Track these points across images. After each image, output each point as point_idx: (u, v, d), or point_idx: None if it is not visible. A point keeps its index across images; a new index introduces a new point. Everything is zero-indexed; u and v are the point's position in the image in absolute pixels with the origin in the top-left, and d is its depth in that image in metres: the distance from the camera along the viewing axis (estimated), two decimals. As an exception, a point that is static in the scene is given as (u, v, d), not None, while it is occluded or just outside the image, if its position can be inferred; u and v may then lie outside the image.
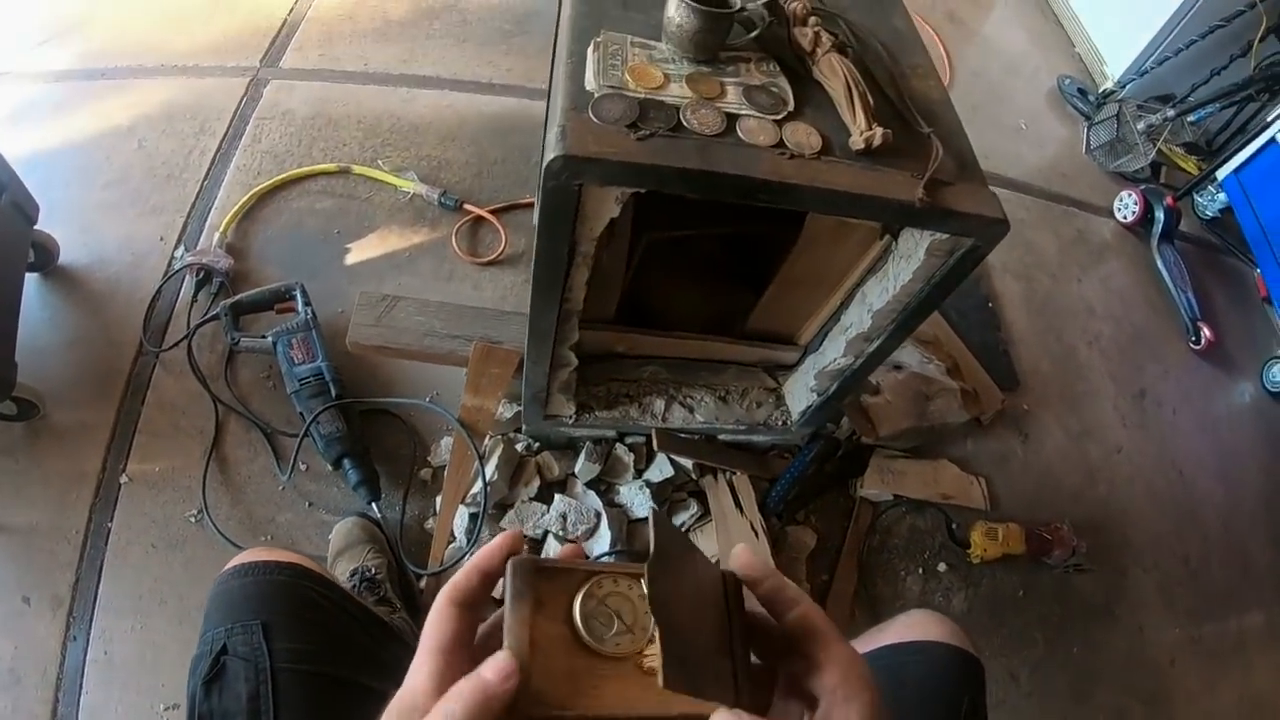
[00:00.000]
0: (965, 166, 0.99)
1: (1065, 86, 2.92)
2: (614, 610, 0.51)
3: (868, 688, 0.50)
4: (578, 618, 0.50)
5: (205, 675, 0.79)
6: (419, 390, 1.67)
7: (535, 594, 0.50)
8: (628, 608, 0.52)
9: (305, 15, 2.43)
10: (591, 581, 0.52)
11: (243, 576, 0.86)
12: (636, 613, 0.52)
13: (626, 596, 0.52)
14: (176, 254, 1.81)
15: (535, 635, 0.49)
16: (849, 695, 0.49)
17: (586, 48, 0.95)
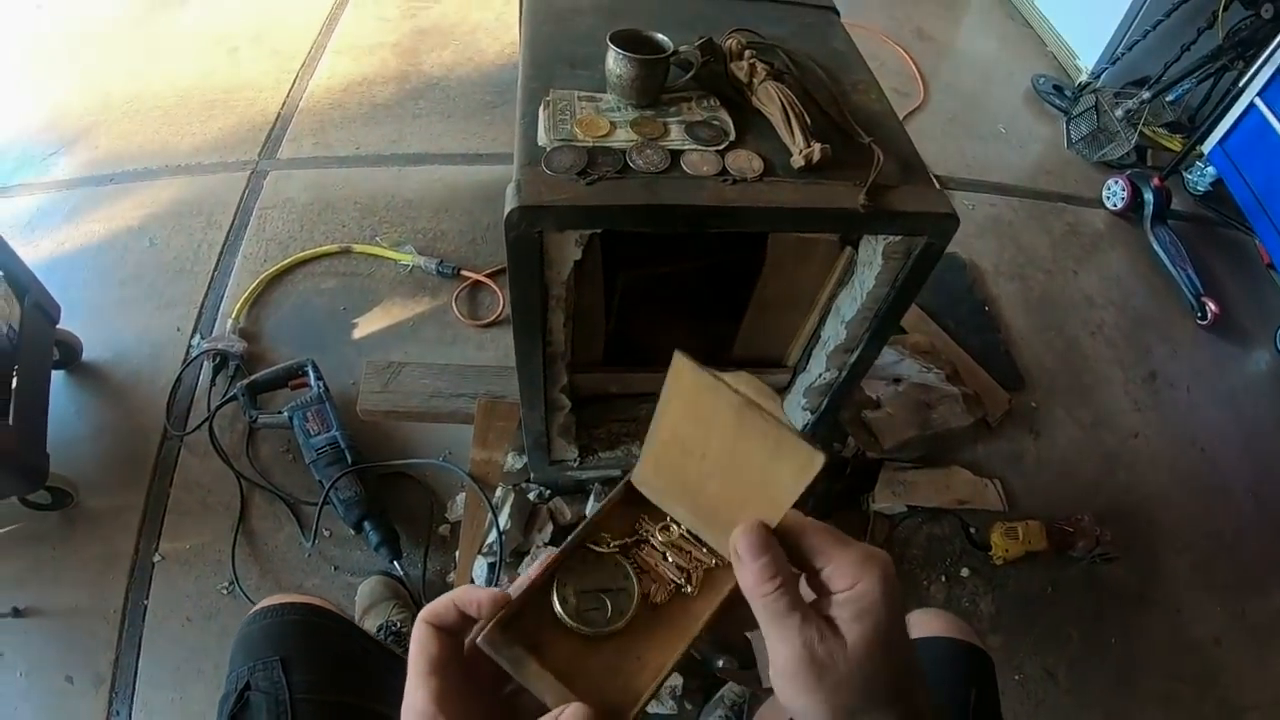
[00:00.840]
0: (910, 169, 1.03)
1: (1040, 85, 2.96)
2: (594, 591, 0.53)
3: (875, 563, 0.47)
4: (572, 625, 0.52)
5: (231, 711, 0.85)
6: (431, 450, 1.72)
7: (525, 645, 0.50)
8: (603, 577, 0.54)
9: (298, 107, 2.55)
10: (555, 589, 0.53)
11: (262, 619, 0.92)
12: (614, 575, 0.54)
13: (589, 572, 0.54)
14: (193, 342, 1.89)
15: (558, 670, 0.49)
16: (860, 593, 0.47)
17: (538, 107, 1.01)
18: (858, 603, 0.46)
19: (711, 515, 0.53)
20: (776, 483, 0.47)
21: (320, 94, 2.62)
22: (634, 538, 0.57)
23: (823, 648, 0.45)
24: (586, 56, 1.09)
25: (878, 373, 1.82)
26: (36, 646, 1.49)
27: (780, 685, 0.47)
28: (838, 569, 0.47)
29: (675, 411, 0.50)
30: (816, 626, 0.46)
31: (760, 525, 0.48)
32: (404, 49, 2.85)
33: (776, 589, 0.46)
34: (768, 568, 0.47)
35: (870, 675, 0.46)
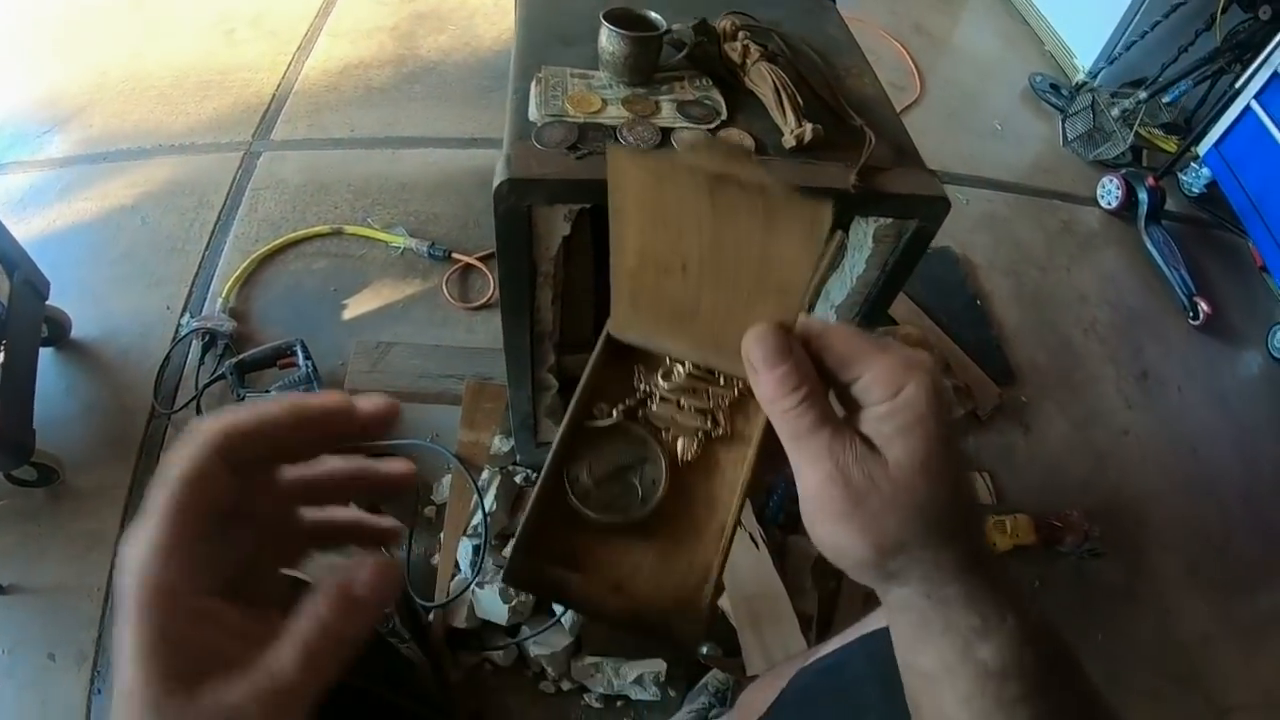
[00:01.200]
0: (902, 153, 1.03)
1: (1037, 84, 2.96)
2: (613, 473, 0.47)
3: (918, 368, 0.41)
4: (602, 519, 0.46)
5: None
6: (419, 431, 1.71)
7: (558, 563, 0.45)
8: (617, 453, 0.48)
9: (293, 89, 2.54)
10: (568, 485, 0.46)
11: None
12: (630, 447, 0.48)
13: (600, 454, 0.47)
14: (183, 321, 1.88)
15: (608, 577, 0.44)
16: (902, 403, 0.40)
17: (530, 83, 1.01)
18: (902, 414, 0.39)
19: (717, 336, 0.45)
20: (783, 263, 0.40)
21: (316, 76, 2.61)
22: (635, 398, 0.50)
23: (859, 468, 0.39)
24: (580, 34, 1.09)
25: (869, 363, 1.82)
26: (19, 624, 1.48)
27: (810, 517, 0.41)
28: (875, 376, 0.40)
29: (633, 223, 0.42)
30: (851, 443, 0.39)
31: (775, 326, 0.42)
32: (401, 32, 2.84)
33: (801, 401, 0.40)
34: (788, 376, 0.40)
35: (919, 503, 0.39)
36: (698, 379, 0.48)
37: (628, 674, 1.37)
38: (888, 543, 0.39)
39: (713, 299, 0.43)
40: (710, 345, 0.46)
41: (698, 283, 0.43)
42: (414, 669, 1.26)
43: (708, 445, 0.48)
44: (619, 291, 0.46)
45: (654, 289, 0.44)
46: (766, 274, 0.41)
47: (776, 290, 0.41)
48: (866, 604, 1.61)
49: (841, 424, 0.40)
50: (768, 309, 0.42)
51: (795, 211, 0.38)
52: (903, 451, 0.39)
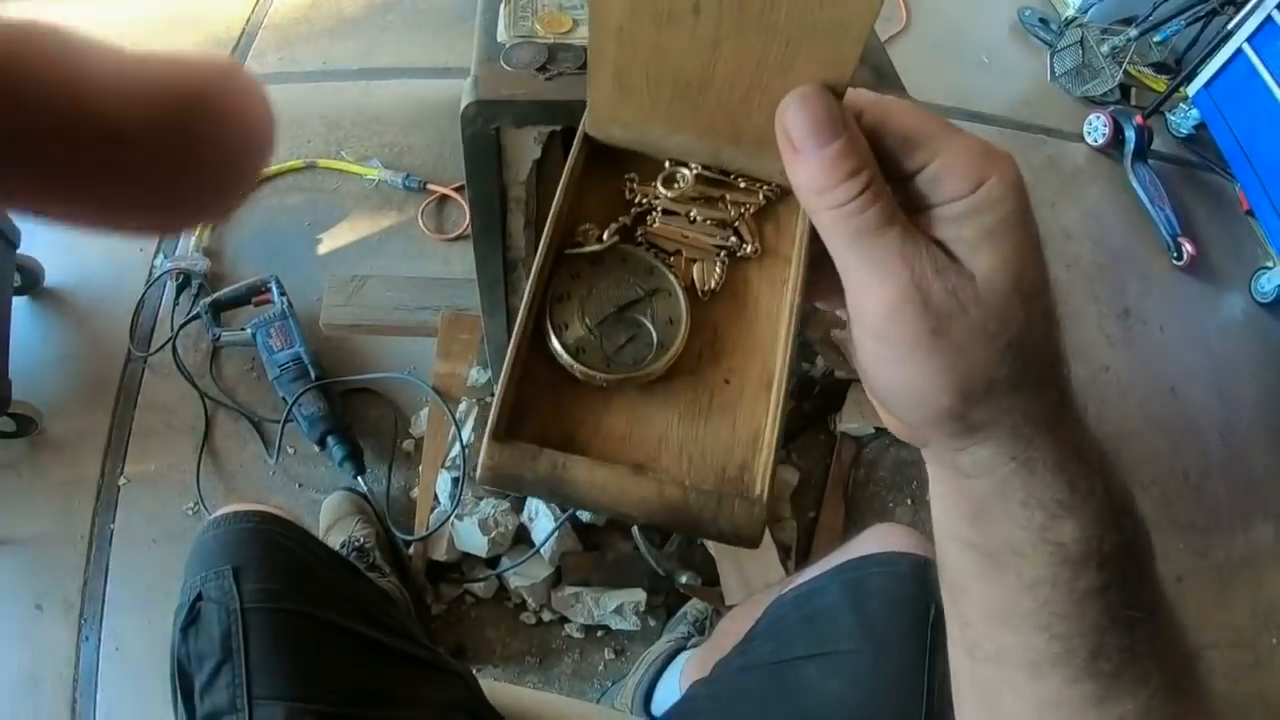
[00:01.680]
0: (881, 76, 1.01)
1: (1026, 17, 2.91)
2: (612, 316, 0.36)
3: (1002, 157, 0.33)
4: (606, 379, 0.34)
5: (183, 623, 0.83)
6: (396, 365, 1.70)
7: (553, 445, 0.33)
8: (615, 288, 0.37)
9: (262, 22, 2.47)
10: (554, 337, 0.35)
11: (215, 528, 0.91)
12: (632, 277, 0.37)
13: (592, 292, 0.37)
14: (156, 262, 1.86)
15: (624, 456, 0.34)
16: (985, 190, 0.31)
17: (499, 3, 0.98)
18: (987, 214, 0.31)
19: (737, 115, 0.33)
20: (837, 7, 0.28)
21: (286, 8, 2.53)
22: (631, 214, 0.39)
23: (941, 282, 0.30)
24: (551, -48, 1.06)
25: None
26: (5, 575, 1.49)
27: (872, 350, 0.33)
28: (949, 163, 0.31)
29: None
30: (928, 249, 0.31)
31: (820, 88, 0.31)
32: (375, -40, 2.76)
33: (862, 190, 0.30)
34: (844, 154, 0.30)
35: (1014, 329, 0.31)
36: (710, 183, 0.37)
37: (608, 604, 1.38)
38: (975, 383, 0.31)
39: (735, 54, 0.31)
40: (726, 131, 0.35)
41: (714, 30, 0.30)
42: (394, 603, 1.27)
43: (733, 268, 0.37)
44: (599, 64, 0.34)
45: (650, 50, 0.32)
46: (814, 4, 0.29)
47: (827, 30, 0.29)
48: (844, 534, 1.63)
49: (911, 224, 0.31)
50: (811, 64, 0.30)
51: None
52: (992, 263, 0.31)
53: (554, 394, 0.35)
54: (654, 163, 0.39)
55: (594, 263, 0.37)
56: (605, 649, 1.46)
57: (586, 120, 0.37)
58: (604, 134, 0.37)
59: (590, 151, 0.38)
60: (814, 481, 1.69)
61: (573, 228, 0.38)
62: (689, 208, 0.37)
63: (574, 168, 0.38)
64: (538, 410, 0.34)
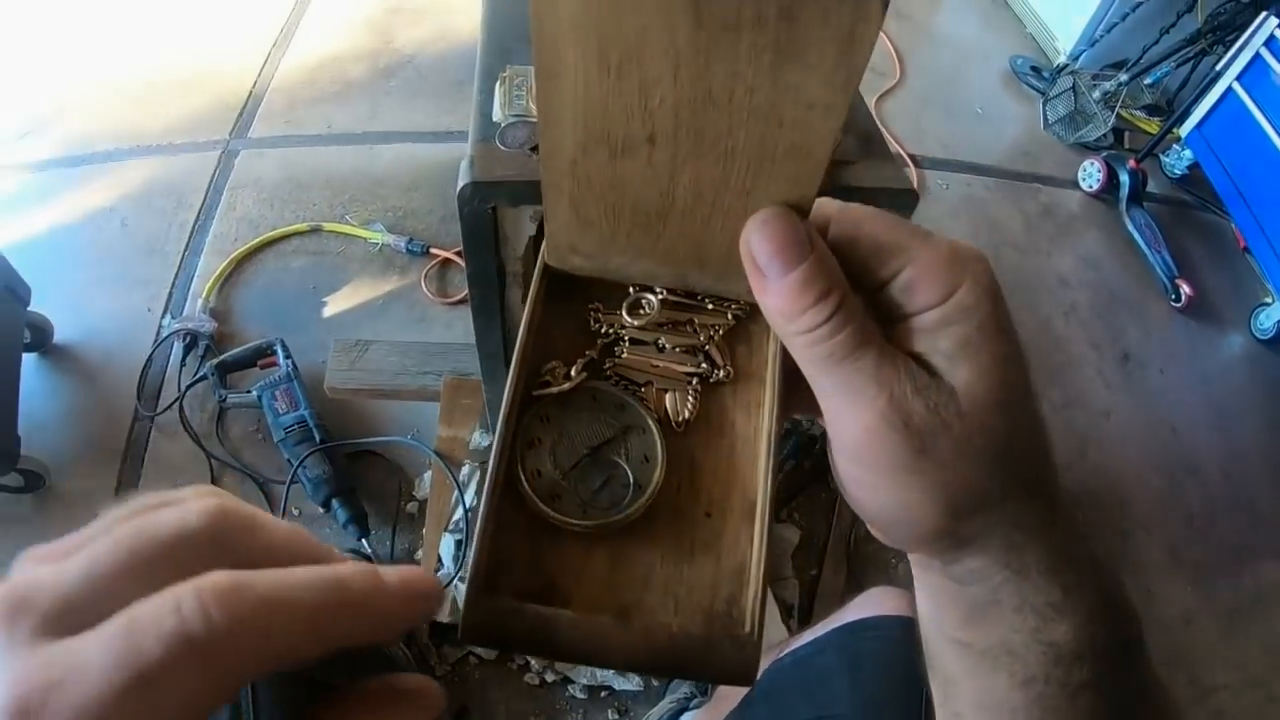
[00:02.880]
0: (870, 143, 1.03)
1: (1018, 66, 2.96)
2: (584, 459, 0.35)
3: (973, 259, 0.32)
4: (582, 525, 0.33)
5: None
6: (399, 429, 1.72)
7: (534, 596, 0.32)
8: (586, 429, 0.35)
9: (269, 86, 2.53)
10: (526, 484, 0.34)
11: None
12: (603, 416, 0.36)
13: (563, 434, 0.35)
14: (164, 322, 1.89)
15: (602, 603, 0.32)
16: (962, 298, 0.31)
17: (494, 83, 1.01)
18: (962, 323, 0.30)
19: (700, 239, 0.33)
20: (800, 105, 0.27)
21: (292, 72, 2.60)
22: (598, 346, 0.38)
23: (922, 400, 0.29)
24: (545, 32, 1.09)
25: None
26: (9, 631, 1.49)
27: (854, 475, 0.32)
28: (920, 272, 0.30)
29: (573, 76, 0.28)
30: (905, 368, 0.30)
31: (782, 210, 0.30)
32: (377, 26, 2.82)
33: (831, 314, 0.29)
34: (810, 278, 0.29)
35: (1000, 441, 0.30)
36: (677, 307, 0.37)
37: (611, 665, 1.37)
38: (965, 500, 0.30)
39: (693, 181, 0.31)
40: (690, 256, 0.34)
41: (671, 159, 0.30)
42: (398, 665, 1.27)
43: (707, 394, 0.37)
44: (555, 198, 0.33)
45: (606, 181, 0.31)
46: (775, 128, 0.28)
47: (788, 154, 0.29)
48: (846, 592, 1.62)
49: (887, 343, 0.30)
50: (774, 186, 0.30)
51: (825, 16, 0.25)
52: (972, 375, 0.30)
53: (532, 543, 0.34)
54: (619, 288, 0.38)
55: (563, 403, 0.36)
56: (609, 710, 1.45)
57: (545, 251, 0.37)
58: (565, 264, 0.37)
59: (551, 282, 0.37)
60: (816, 539, 1.69)
61: (538, 367, 0.37)
62: (657, 335, 0.37)
63: (535, 302, 0.37)
64: (517, 561, 0.33)
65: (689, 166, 0.30)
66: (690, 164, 0.30)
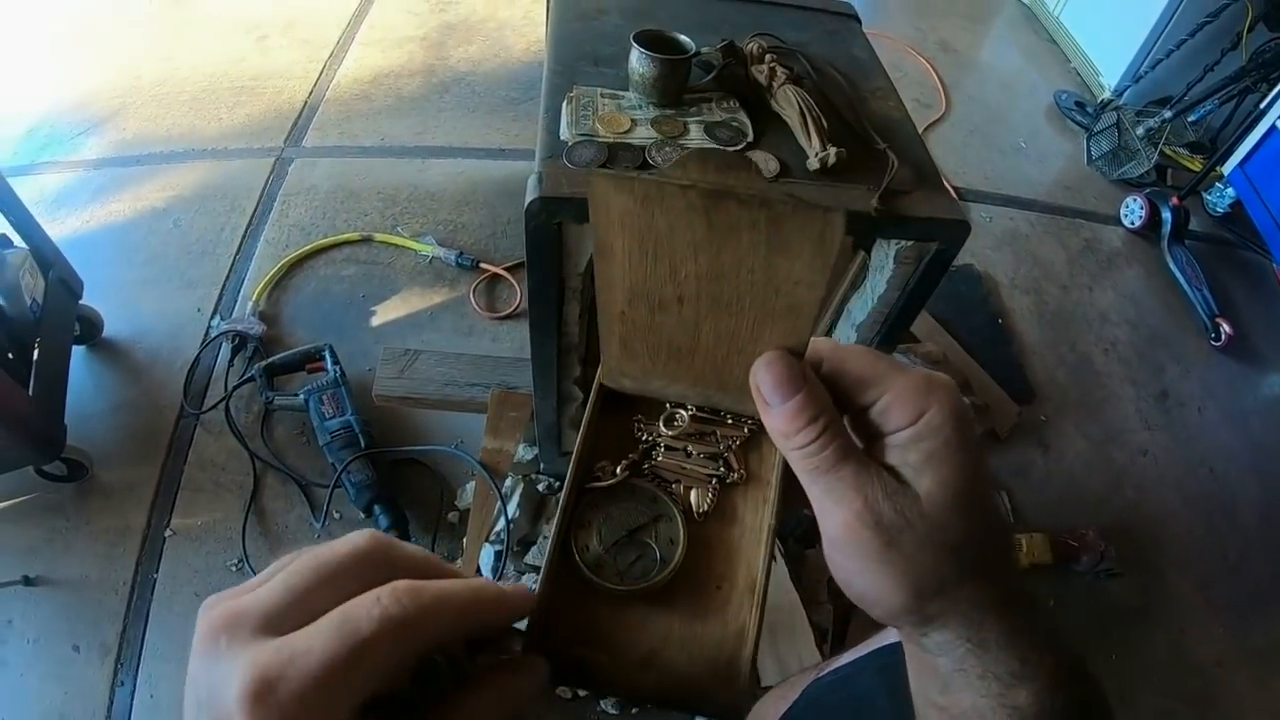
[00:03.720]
0: (924, 176, 1.04)
1: (1063, 101, 2.96)
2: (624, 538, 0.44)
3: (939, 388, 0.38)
4: (620, 589, 0.42)
5: None
6: (443, 438, 1.74)
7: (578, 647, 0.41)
8: (626, 515, 0.45)
9: (324, 97, 2.59)
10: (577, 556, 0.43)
11: None
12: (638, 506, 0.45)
13: (607, 518, 0.45)
14: (213, 323, 1.93)
15: (635, 655, 0.41)
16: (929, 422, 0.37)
17: (561, 102, 1.03)
18: (928, 440, 0.36)
19: (720, 371, 0.42)
20: (791, 282, 0.37)
21: (347, 84, 2.66)
22: (639, 451, 0.47)
23: (890, 504, 0.36)
24: (610, 55, 1.11)
25: (888, 380, 1.83)
26: (45, 615, 1.52)
27: (838, 562, 0.38)
28: (894, 399, 0.37)
29: (621, 258, 0.38)
30: (878, 478, 0.36)
31: (784, 353, 0.39)
32: (431, 43, 2.88)
33: (819, 435, 0.37)
34: (803, 407, 0.37)
35: (956, 536, 0.36)
36: (703, 421, 0.46)
37: (644, 681, 1.38)
38: (927, 584, 0.37)
39: (714, 330, 0.40)
40: (713, 382, 0.43)
41: (695, 314, 0.40)
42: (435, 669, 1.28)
43: (723, 493, 0.46)
44: (608, 336, 0.43)
45: (647, 328, 0.41)
46: (772, 296, 0.37)
47: (784, 313, 0.38)
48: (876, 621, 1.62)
49: (864, 456, 0.37)
50: (775, 334, 0.39)
51: (802, 225, 0.34)
52: (934, 482, 0.36)
53: (580, 599, 0.43)
54: (658, 404, 0.47)
55: (610, 494, 0.45)
56: (638, 725, 1.46)
57: (601, 373, 0.46)
58: (616, 384, 0.46)
59: (605, 397, 0.46)
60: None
61: (590, 466, 0.46)
62: (686, 443, 0.46)
63: (592, 413, 0.46)
64: (567, 614, 0.42)
65: (710, 319, 0.39)
66: (710, 317, 0.39)
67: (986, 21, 3.57)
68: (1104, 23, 3.08)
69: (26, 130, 2.45)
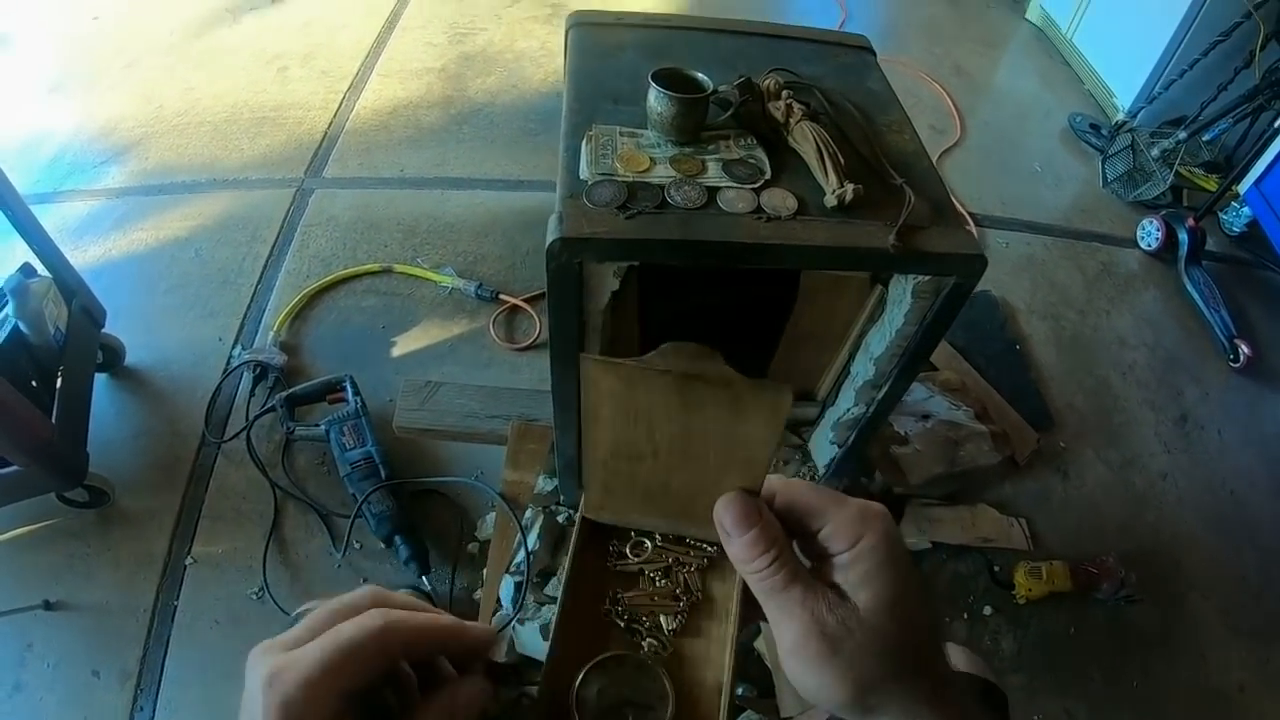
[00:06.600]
0: (941, 211, 1.05)
1: (1077, 124, 2.96)
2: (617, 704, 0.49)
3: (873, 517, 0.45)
4: None
5: None
6: (464, 469, 1.75)
7: None
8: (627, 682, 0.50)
9: (344, 128, 2.63)
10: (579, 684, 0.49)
11: None
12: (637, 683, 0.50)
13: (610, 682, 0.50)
14: (234, 352, 1.95)
15: None
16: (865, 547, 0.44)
17: (580, 141, 1.05)
18: (863, 562, 0.43)
19: (687, 507, 0.49)
20: (746, 441, 0.44)
21: (367, 115, 2.70)
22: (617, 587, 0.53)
23: (833, 617, 0.42)
24: (629, 93, 1.12)
25: (906, 409, 1.83)
26: (65, 639, 1.54)
27: (791, 665, 0.44)
28: (835, 528, 0.44)
29: (606, 422, 0.46)
30: (823, 595, 0.43)
31: (742, 494, 0.46)
32: (450, 74, 2.92)
33: (772, 561, 0.43)
34: (758, 539, 0.44)
35: (890, 642, 0.42)
36: (674, 546, 0.52)
37: (663, 712, 1.38)
38: (866, 681, 0.42)
39: (682, 477, 0.47)
40: (682, 517, 0.50)
41: (667, 465, 0.47)
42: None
43: (691, 610, 0.52)
44: (591, 479, 0.49)
45: (626, 475, 0.48)
46: (732, 452, 0.45)
47: (742, 462, 0.45)
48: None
49: (811, 577, 0.44)
50: (735, 478, 0.45)
51: (758, 399, 0.43)
52: (869, 596, 0.43)
53: None
54: (627, 532, 0.54)
55: (616, 663, 0.50)
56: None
57: (584, 508, 0.52)
58: (597, 518, 0.52)
59: (588, 527, 0.53)
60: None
61: (577, 591, 0.52)
62: (656, 569, 0.52)
63: (577, 544, 0.52)
64: None
65: (679, 469, 0.47)
66: (680, 467, 0.46)
67: (1000, 46, 3.58)
68: (1117, 44, 3.08)
69: (49, 158, 2.49)
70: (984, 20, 3.70)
